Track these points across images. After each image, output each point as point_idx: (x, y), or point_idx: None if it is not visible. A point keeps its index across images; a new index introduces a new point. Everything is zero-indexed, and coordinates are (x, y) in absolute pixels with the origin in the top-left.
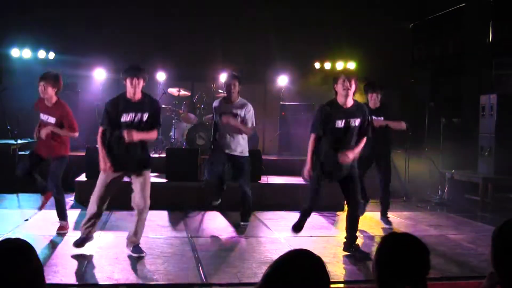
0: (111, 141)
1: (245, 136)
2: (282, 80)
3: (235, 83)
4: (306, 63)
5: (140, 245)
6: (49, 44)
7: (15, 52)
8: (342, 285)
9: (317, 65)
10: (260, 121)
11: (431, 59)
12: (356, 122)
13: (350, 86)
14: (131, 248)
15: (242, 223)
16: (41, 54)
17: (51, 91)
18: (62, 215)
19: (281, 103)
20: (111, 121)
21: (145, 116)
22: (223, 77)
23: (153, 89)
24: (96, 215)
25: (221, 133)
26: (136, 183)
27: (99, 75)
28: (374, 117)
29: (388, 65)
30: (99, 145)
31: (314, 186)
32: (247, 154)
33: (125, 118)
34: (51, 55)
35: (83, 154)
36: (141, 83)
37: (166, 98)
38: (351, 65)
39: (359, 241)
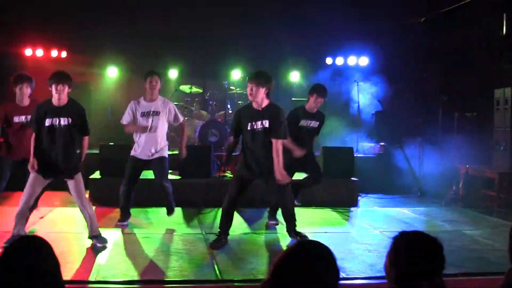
0: (41, 146)
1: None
2: (294, 76)
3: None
4: (317, 59)
5: (101, 235)
6: (61, 43)
7: (28, 51)
8: (357, 281)
9: (329, 60)
10: None
11: (444, 52)
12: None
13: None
14: (95, 241)
15: None
16: (54, 53)
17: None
18: None
19: (292, 99)
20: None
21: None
22: (235, 74)
23: (165, 87)
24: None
25: None
26: (70, 186)
27: (112, 73)
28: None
29: (400, 59)
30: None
31: None
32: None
33: (48, 122)
34: (63, 54)
35: (97, 152)
36: (66, 89)
37: (178, 96)
38: (364, 60)
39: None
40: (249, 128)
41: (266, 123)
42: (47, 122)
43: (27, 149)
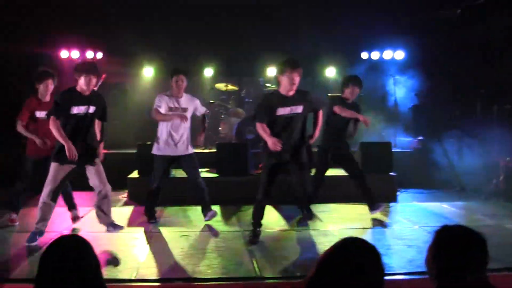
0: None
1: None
2: (330, 72)
3: None
4: (353, 54)
5: (114, 221)
6: (96, 45)
7: (63, 54)
8: (397, 277)
9: (364, 55)
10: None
11: (481, 44)
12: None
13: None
14: (108, 227)
15: None
16: (89, 54)
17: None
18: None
19: (328, 94)
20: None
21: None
22: (270, 71)
23: (201, 85)
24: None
25: None
26: (91, 171)
27: (147, 73)
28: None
29: (437, 52)
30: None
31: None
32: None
33: (76, 110)
34: (99, 55)
35: (134, 151)
36: (94, 80)
37: (214, 94)
38: (400, 54)
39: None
40: (280, 113)
41: (299, 109)
42: (75, 110)
43: (48, 146)
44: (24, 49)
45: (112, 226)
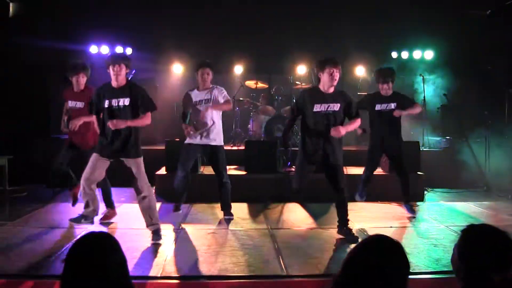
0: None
1: None
2: (359, 71)
3: None
4: (382, 53)
5: (159, 231)
6: (126, 40)
7: (93, 49)
8: (424, 276)
9: (394, 54)
10: None
11: (509, 44)
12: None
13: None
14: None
15: None
16: (119, 50)
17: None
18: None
19: (358, 93)
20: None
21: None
22: (300, 69)
23: (231, 83)
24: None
25: None
26: (133, 170)
27: (177, 69)
28: (385, 105)
29: (466, 52)
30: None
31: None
32: None
33: (107, 104)
34: (129, 51)
35: (163, 147)
36: (123, 69)
37: (244, 91)
38: (429, 54)
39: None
40: (315, 110)
41: (337, 107)
42: (106, 103)
43: (81, 137)
44: (55, 45)
45: (154, 234)
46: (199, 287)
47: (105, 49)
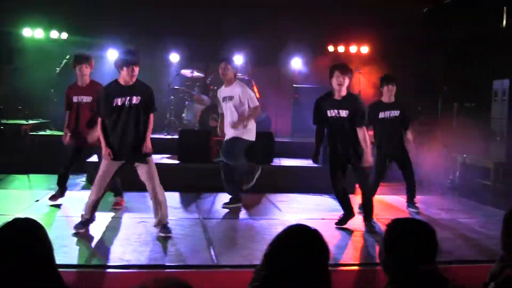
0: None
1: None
2: (296, 63)
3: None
4: (319, 46)
5: (168, 225)
6: (61, 25)
7: (27, 32)
8: (352, 267)
9: (330, 48)
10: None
11: (445, 43)
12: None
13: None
14: (159, 229)
15: None
16: (54, 34)
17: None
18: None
19: (294, 85)
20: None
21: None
22: (237, 59)
23: (166, 71)
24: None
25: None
26: (141, 170)
27: (112, 55)
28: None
29: (402, 49)
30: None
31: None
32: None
33: (118, 102)
34: (64, 36)
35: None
36: (136, 69)
37: (179, 80)
38: (365, 49)
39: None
40: (329, 115)
41: (345, 113)
42: (118, 101)
43: (84, 133)
44: None
45: (163, 229)
46: (128, 276)
47: (39, 33)
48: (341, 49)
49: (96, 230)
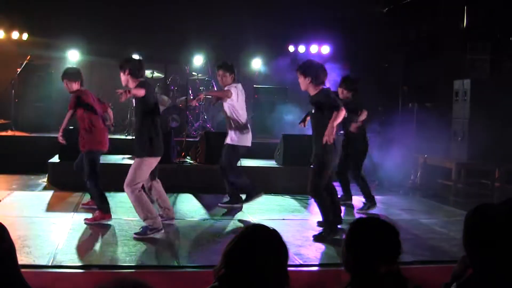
0: None
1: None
2: (256, 63)
3: None
4: (279, 46)
5: (145, 226)
6: (22, 25)
7: None
8: (314, 268)
9: (291, 48)
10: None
11: (405, 43)
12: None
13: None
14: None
15: None
16: (15, 35)
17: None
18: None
19: (254, 86)
20: None
21: None
22: (197, 59)
23: None
24: None
25: None
26: None
27: (73, 56)
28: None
29: (362, 49)
30: None
31: None
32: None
33: None
34: (25, 36)
35: (56, 135)
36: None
37: None
38: (326, 49)
39: None
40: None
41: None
42: None
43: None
44: None
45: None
46: (89, 277)
47: (0, 34)
48: (302, 49)
49: (59, 231)
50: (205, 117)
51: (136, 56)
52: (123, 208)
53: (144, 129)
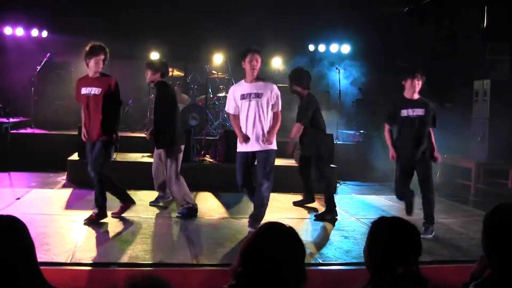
0: None
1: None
2: (276, 62)
3: None
4: (299, 45)
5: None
6: (42, 23)
7: (7, 30)
8: (334, 267)
9: (311, 47)
10: None
11: (425, 42)
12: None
13: None
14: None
15: None
16: (34, 32)
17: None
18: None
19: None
20: None
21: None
22: (217, 58)
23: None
24: None
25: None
26: None
27: None
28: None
29: (382, 48)
30: None
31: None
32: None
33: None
34: (44, 34)
35: (75, 133)
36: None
37: None
38: (346, 48)
39: None
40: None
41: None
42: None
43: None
44: None
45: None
46: (109, 274)
47: (20, 31)
48: (322, 48)
49: (78, 228)
50: (225, 115)
51: (156, 55)
52: (142, 207)
53: (165, 124)
